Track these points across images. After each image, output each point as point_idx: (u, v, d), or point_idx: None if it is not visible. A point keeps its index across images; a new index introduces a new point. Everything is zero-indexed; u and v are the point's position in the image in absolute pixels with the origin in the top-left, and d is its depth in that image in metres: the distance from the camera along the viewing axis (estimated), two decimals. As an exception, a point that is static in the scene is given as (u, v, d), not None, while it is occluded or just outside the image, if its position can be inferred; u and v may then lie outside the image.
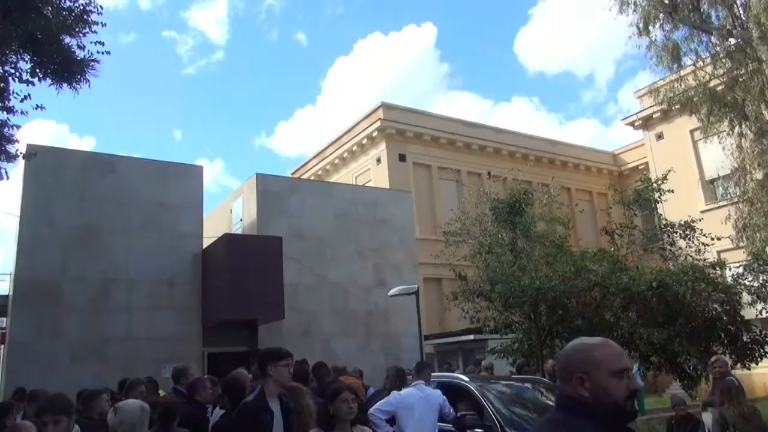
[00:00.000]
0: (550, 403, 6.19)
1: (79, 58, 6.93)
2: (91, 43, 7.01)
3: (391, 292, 12.51)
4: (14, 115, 7.00)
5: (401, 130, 21.98)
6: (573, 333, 10.90)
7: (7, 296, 12.52)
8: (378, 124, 21.69)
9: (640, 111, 22.69)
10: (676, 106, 14.08)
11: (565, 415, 1.77)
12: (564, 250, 11.78)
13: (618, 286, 10.40)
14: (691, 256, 11.40)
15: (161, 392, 7.86)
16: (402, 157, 21.85)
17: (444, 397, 6.37)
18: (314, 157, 25.93)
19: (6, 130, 6.89)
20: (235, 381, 4.87)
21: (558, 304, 10.71)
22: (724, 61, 12.03)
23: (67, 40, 6.86)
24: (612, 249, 12.06)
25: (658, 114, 21.59)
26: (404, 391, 6.14)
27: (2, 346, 12.43)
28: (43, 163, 11.10)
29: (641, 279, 10.46)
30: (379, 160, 21.94)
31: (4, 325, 12.55)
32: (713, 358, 7.66)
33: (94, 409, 4.84)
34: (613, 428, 1.76)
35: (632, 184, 14.55)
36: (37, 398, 5.84)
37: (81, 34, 6.89)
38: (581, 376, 1.77)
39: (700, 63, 12.47)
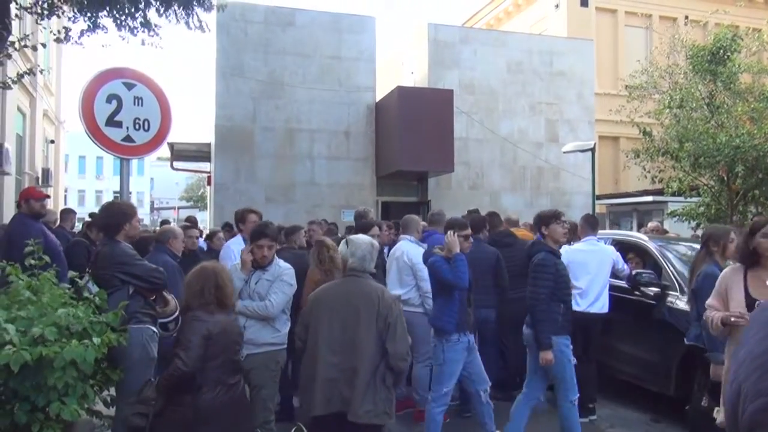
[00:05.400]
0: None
1: None
2: None
3: (565, 148, 12.04)
4: None
5: (585, -32, 19.68)
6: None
7: (209, 144, 14.13)
8: (559, -39, 19.57)
9: None
10: None
11: None
12: (774, 106, 10.30)
13: (839, 147, 9.02)
14: None
15: None
16: (584, 2, 19.75)
17: (618, 253, 6.26)
18: (487, 5, 24.43)
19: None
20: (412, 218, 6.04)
21: (759, 165, 9.58)
22: None
23: None
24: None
25: None
26: (576, 245, 6.10)
27: (210, 187, 14.33)
28: (231, 16, 11.77)
29: None
30: (557, 6, 20.08)
31: (209, 169, 14.33)
32: None
33: (294, 241, 5.78)
34: None
35: None
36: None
37: None
38: None
39: None
